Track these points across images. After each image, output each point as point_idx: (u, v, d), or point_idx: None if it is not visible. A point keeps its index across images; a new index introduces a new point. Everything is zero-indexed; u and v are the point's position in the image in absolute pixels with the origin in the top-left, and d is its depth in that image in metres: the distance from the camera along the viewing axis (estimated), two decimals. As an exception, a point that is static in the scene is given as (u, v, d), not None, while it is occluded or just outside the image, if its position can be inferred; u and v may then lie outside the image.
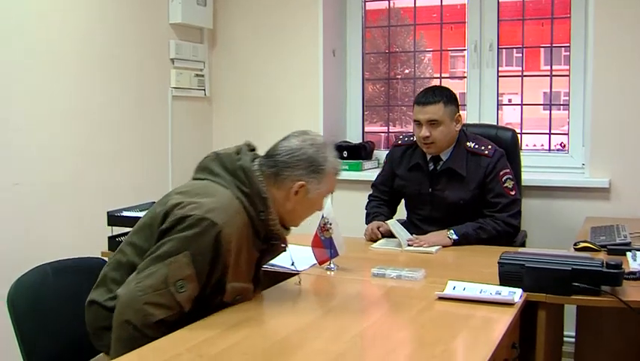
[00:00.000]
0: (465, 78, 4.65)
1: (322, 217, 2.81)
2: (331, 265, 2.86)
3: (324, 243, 2.82)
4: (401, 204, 3.77)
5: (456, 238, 3.26)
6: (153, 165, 4.50)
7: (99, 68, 4.09)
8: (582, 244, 3.01)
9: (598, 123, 4.06)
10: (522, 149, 4.10)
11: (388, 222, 3.34)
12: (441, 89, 3.53)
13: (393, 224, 3.32)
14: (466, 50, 4.61)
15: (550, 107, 4.54)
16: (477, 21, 4.54)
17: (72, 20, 3.92)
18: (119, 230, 3.29)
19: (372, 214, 3.61)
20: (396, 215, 3.67)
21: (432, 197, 3.50)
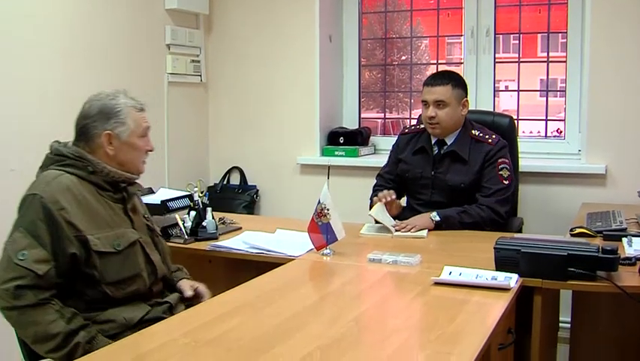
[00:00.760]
0: (462, 65, 4.64)
1: (319, 203, 2.81)
2: (327, 251, 2.86)
3: (320, 228, 2.82)
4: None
5: (438, 220, 3.28)
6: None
7: (95, 54, 4.08)
8: (578, 230, 3.02)
9: (594, 110, 4.06)
10: (519, 135, 4.10)
11: (373, 209, 3.35)
12: (451, 73, 3.62)
13: (377, 212, 3.32)
14: (463, 36, 4.60)
15: (547, 93, 4.54)
16: (474, 7, 4.53)
17: (68, 6, 3.90)
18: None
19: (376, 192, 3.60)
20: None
21: (433, 180, 3.52)
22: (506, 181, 3.40)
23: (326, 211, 2.80)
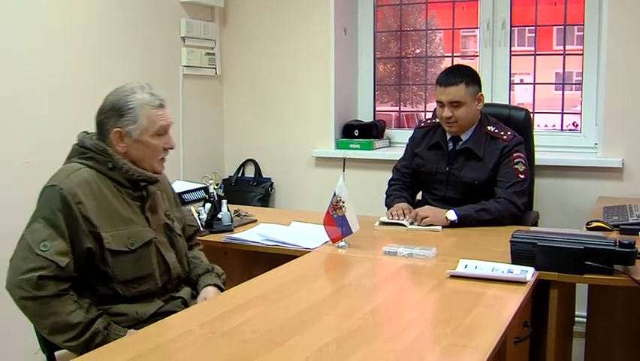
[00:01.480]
0: (477, 57, 4.62)
1: (334, 195, 2.81)
2: (343, 243, 2.86)
3: (336, 221, 2.82)
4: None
5: (455, 220, 3.25)
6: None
7: (110, 47, 4.09)
8: (595, 224, 3.00)
9: (611, 103, 4.03)
10: (534, 129, 4.08)
11: (379, 221, 3.34)
12: (463, 69, 3.53)
13: (384, 220, 3.32)
14: (479, 29, 4.57)
15: (563, 86, 4.51)
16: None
17: (83, -2, 3.92)
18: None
19: (392, 196, 3.60)
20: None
21: (448, 176, 3.50)
22: (522, 175, 3.37)
23: (341, 204, 2.80)
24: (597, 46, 4.19)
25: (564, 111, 4.50)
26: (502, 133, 3.46)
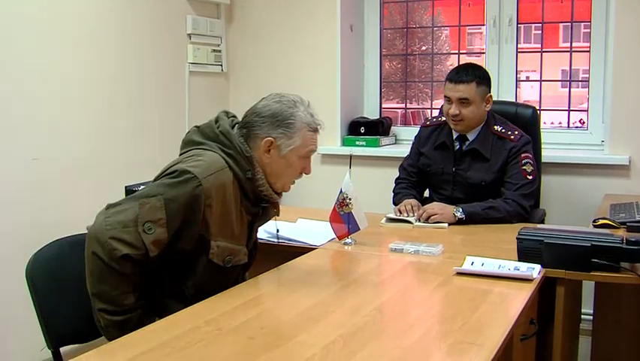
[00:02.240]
0: (483, 55, 4.62)
1: (341, 192, 2.81)
2: (349, 240, 2.86)
3: (342, 218, 2.82)
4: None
5: (462, 217, 3.24)
6: (170, 140, 4.44)
7: (116, 44, 4.09)
8: (601, 221, 2.99)
9: (618, 100, 4.02)
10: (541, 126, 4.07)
11: (386, 218, 3.33)
12: (475, 68, 3.50)
13: (391, 217, 3.32)
14: (485, 26, 4.57)
15: (569, 84, 4.50)
16: (497, -4, 4.51)
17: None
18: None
19: (400, 194, 3.59)
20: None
21: (454, 176, 3.50)
22: (530, 176, 3.36)
23: (348, 201, 2.79)
24: (604, 43, 4.18)
25: (571, 108, 4.49)
26: (509, 133, 3.44)
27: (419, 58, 5.06)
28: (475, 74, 3.41)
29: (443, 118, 3.55)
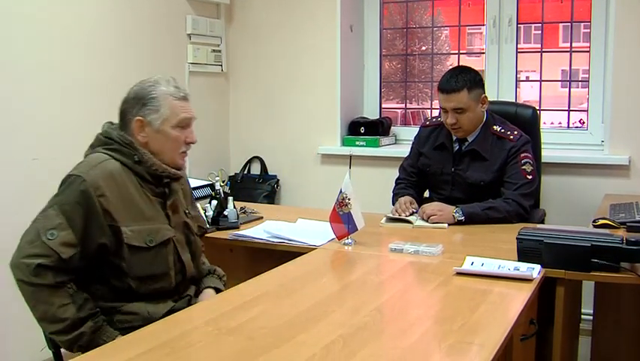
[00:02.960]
0: (483, 55, 4.62)
1: (340, 192, 2.80)
2: (349, 240, 2.86)
3: (342, 218, 2.82)
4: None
5: (461, 219, 3.23)
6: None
7: (116, 44, 4.09)
8: (601, 221, 2.99)
9: (618, 100, 4.02)
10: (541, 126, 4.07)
11: (385, 218, 3.33)
12: (464, 73, 3.41)
13: (390, 217, 3.32)
14: (485, 26, 4.57)
15: (569, 84, 4.50)
16: (497, -4, 4.51)
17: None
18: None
19: (399, 194, 3.58)
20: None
21: (454, 176, 3.49)
22: (529, 176, 3.35)
23: (347, 201, 2.79)
24: (604, 43, 4.18)
25: (570, 109, 4.49)
26: (508, 133, 3.43)
27: (419, 58, 5.07)
28: (465, 80, 3.35)
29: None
